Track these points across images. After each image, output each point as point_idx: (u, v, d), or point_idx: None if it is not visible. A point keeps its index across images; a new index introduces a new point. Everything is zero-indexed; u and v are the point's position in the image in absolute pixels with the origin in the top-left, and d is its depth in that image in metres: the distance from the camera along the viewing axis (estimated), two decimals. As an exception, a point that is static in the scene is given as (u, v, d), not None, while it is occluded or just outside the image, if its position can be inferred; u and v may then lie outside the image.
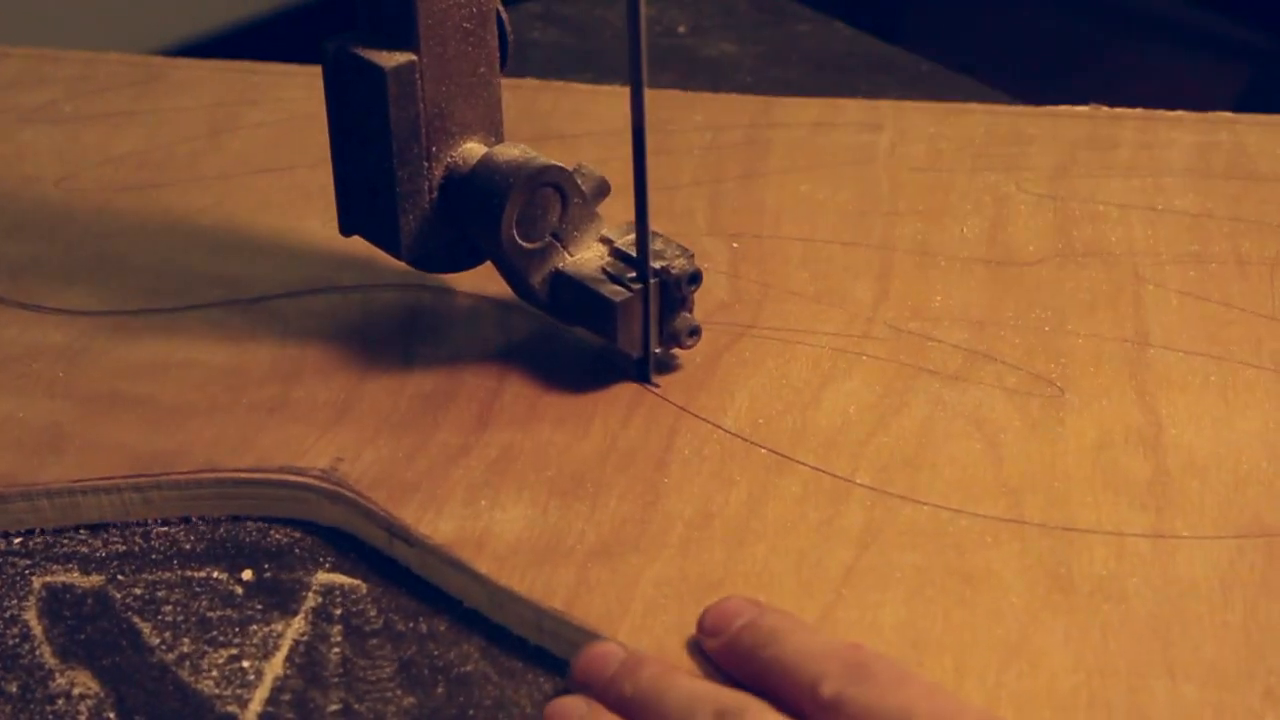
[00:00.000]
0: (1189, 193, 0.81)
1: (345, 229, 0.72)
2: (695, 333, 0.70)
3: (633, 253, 0.69)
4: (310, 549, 0.65)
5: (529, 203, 0.68)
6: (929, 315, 0.74)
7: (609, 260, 0.70)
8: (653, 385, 0.70)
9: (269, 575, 0.64)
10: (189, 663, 0.60)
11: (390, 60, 0.66)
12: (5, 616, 0.62)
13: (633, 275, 0.69)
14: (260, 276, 0.79)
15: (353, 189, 0.70)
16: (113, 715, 0.58)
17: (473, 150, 0.69)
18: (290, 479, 0.67)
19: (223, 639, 0.61)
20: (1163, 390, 0.69)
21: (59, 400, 0.71)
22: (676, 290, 0.69)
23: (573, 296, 0.69)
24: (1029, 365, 0.71)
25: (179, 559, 0.65)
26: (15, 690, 0.59)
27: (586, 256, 0.70)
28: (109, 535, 0.66)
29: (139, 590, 0.64)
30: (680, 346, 0.70)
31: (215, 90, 0.95)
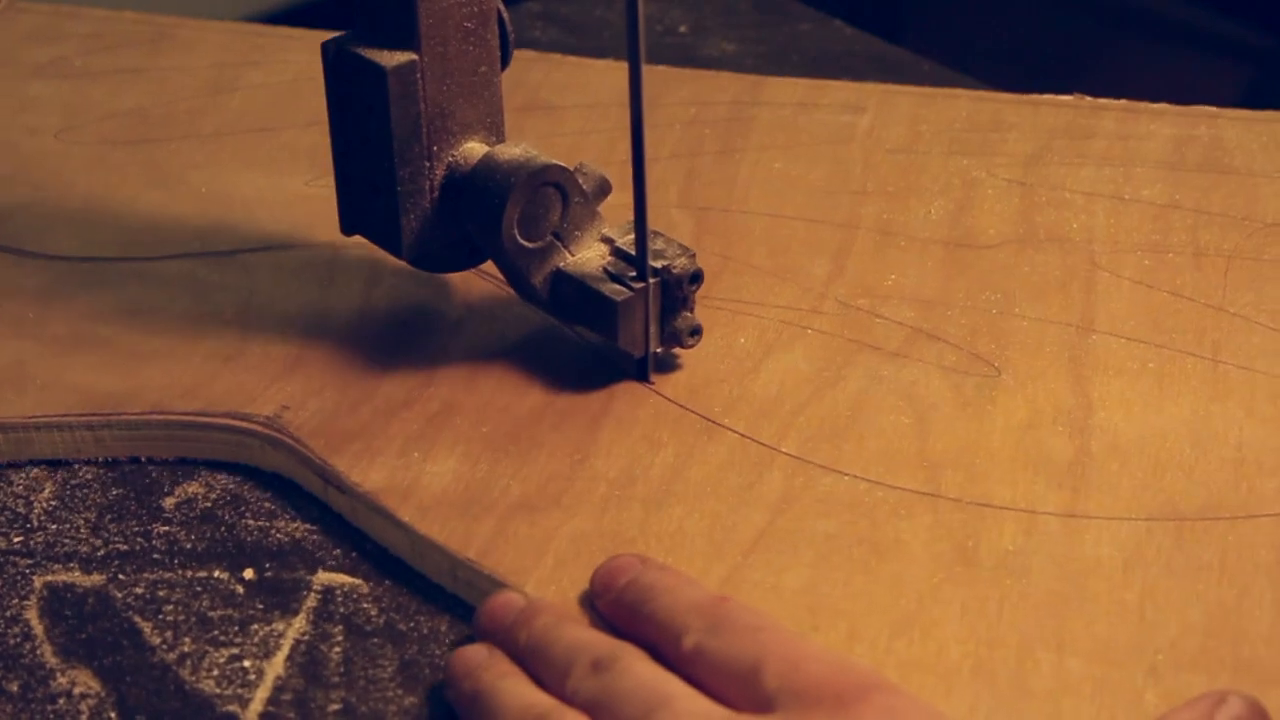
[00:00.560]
0: (1158, 184, 0.82)
1: (346, 228, 0.72)
2: (696, 332, 0.70)
3: (633, 252, 0.68)
4: (311, 548, 0.65)
5: (530, 202, 0.68)
6: (880, 293, 0.75)
7: (610, 259, 0.69)
8: (652, 384, 0.70)
9: (270, 575, 0.64)
10: (190, 662, 0.60)
11: (391, 60, 0.66)
12: (6, 615, 0.62)
13: (634, 274, 0.68)
14: (236, 230, 0.81)
15: (354, 188, 0.70)
16: (114, 715, 0.58)
17: (474, 150, 0.69)
18: (235, 424, 0.69)
19: (224, 638, 0.61)
20: (1098, 374, 0.70)
21: (26, 340, 0.74)
22: (678, 290, 0.69)
23: (574, 296, 0.69)
24: (970, 345, 0.72)
25: (180, 558, 0.65)
26: (16, 689, 0.59)
27: (587, 256, 0.70)
28: (110, 534, 0.66)
29: (140, 589, 0.63)
30: (681, 346, 0.70)
31: (220, 50, 0.97)
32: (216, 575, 0.64)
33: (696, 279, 0.69)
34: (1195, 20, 1.32)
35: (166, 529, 0.66)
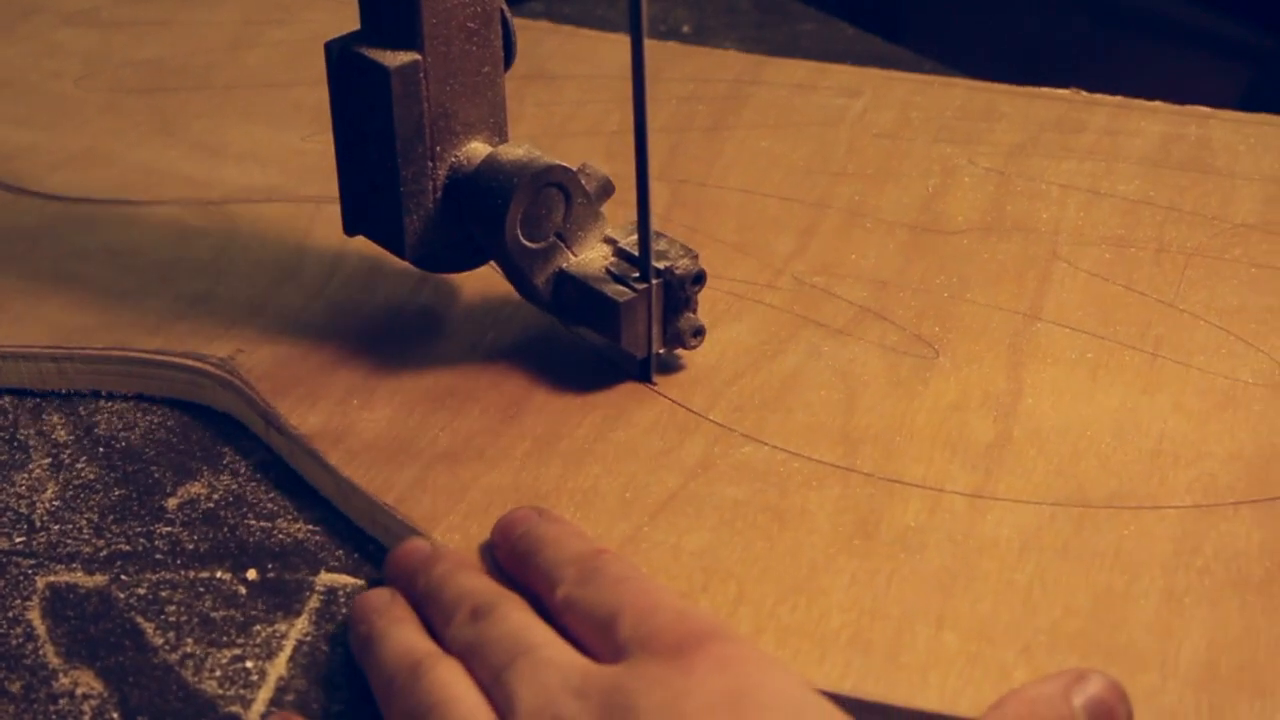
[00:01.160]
0: (1136, 179, 0.82)
1: (349, 228, 0.72)
2: (699, 333, 0.70)
3: (636, 253, 0.69)
4: (314, 549, 0.65)
5: (533, 203, 0.68)
6: (838, 272, 0.76)
7: (613, 260, 0.70)
8: (654, 385, 0.70)
9: (272, 575, 0.64)
10: (192, 663, 0.60)
11: (394, 60, 0.66)
12: (9, 616, 0.62)
13: (637, 275, 0.69)
14: (227, 181, 0.84)
15: (357, 189, 0.71)
16: (116, 715, 0.58)
17: (477, 150, 0.69)
18: (189, 364, 0.72)
19: (226, 639, 0.61)
20: (1034, 361, 0.70)
21: (10, 276, 0.77)
22: (680, 291, 0.69)
23: (576, 296, 0.69)
24: (915, 327, 0.72)
25: (182, 559, 0.65)
26: (18, 690, 0.59)
27: (590, 256, 0.70)
28: (112, 534, 0.66)
29: (142, 590, 0.63)
30: (684, 347, 0.70)
31: (248, 7, 1.00)
32: (219, 576, 0.64)
33: (699, 280, 0.69)
34: (1195, 21, 1.31)
35: (169, 529, 0.66)
